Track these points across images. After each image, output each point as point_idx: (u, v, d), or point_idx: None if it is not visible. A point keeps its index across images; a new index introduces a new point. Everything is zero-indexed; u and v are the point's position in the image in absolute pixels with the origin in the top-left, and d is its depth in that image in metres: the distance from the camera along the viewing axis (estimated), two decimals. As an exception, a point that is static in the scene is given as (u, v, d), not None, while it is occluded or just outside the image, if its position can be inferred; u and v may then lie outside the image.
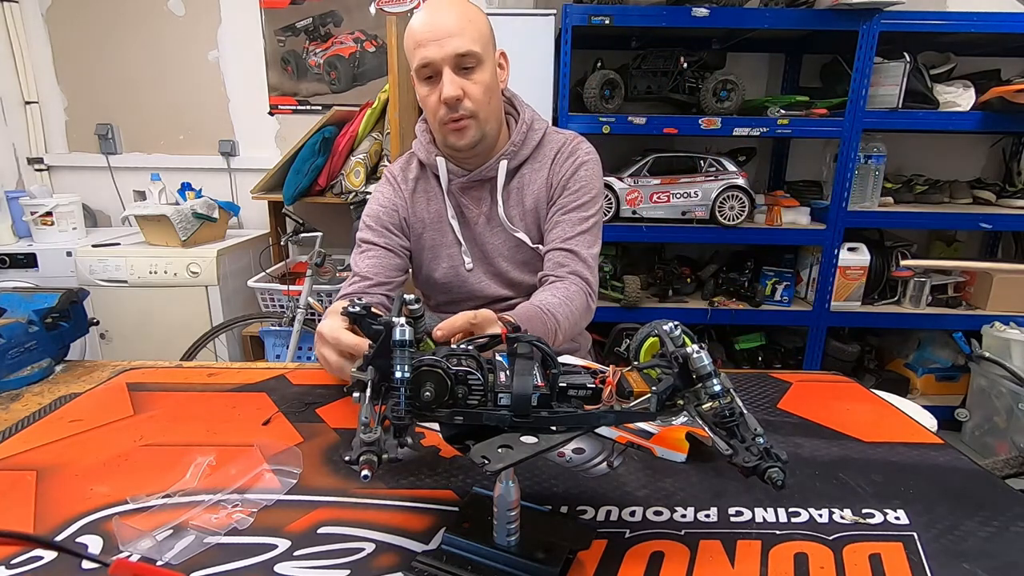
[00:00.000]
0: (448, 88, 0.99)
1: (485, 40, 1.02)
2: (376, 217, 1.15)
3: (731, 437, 0.50)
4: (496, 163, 1.11)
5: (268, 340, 2.45)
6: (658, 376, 0.57)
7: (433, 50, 0.98)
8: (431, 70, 1.00)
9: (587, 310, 1.09)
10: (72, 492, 0.68)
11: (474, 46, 0.99)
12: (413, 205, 1.17)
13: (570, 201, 1.12)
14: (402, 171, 1.18)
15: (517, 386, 0.52)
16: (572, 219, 1.11)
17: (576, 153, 1.14)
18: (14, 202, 2.46)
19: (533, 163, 1.14)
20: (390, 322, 0.51)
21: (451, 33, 0.97)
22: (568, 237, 1.10)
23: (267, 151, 2.81)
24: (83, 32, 2.69)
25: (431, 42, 0.98)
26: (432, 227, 1.17)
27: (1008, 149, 2.68)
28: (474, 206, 1.16)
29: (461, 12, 1.00)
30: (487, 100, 1.04)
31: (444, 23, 0.98)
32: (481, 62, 1.01)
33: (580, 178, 1.13)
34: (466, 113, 1.02)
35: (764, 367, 2.62)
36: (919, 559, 0.58)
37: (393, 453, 0.48)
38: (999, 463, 1.21)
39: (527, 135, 1.13)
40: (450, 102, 1.00)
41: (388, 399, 0.51)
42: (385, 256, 1.13)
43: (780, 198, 2.44)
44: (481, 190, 1.15)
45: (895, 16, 2.13)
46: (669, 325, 0.55)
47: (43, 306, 1.07)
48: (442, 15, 0.99)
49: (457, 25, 0.98)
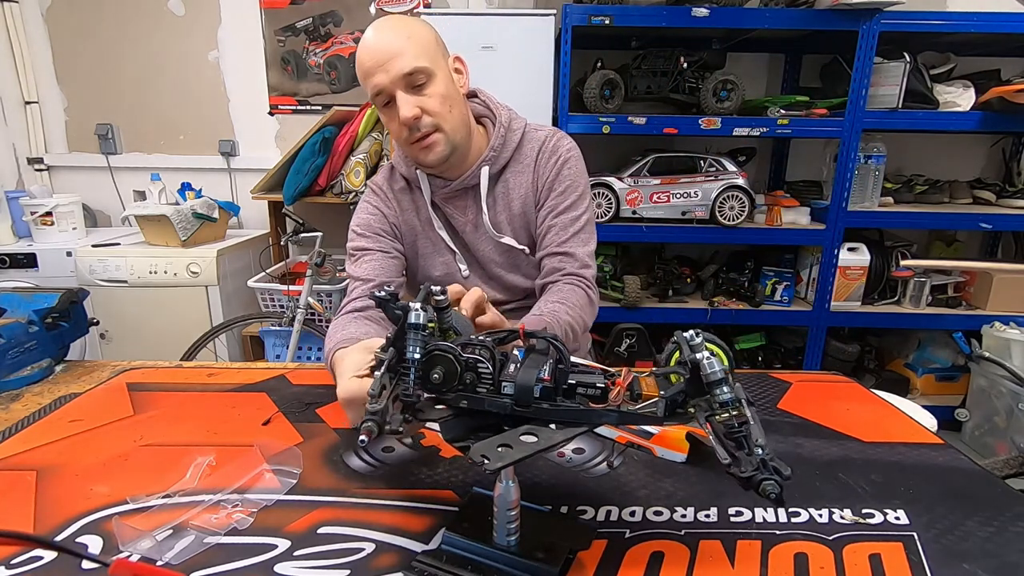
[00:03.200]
0: (404, 109, 0.98)
1: (431, 52, 1.00)
2: (367, 225, 1.13)
3: (739, 448, 0.50)
4: (477, 170, 1.10)
5: (268, 340, 2.45)
6: (677, 381, 0.57)
7: (380, 76, 0.97)
8: (385, 96, 0.99)
9: (590, 305, 1.09)
10: (72, 492, 0.68)
11: (419, 62, 0.97)
12: (402, 213, 1.16)
13: (559, 203, 1.11)
14: (387, 182, 1.17)
15: (521, 377, 0.54)
16: (563, 221, 1.11)
17: (558, 151, 1.13)
18: (14, 202, 2.46)
19: (516, 165, 1.13)
20: (407, 306, 0.55)
21: (393, 55, 0.96)
22: (562, 241, 1.10)
23: (267, 151, 2.81)
24: (83, 32, 2.69)
25: (377, 68, 0.97)
26: (424, 235, 1.16)
27: (1008, 149, 2.68)
28: (460, 215, 1.14)
29: (400, 30, 0.98)
30: (447, 110, 1.02)
31: (385, 46, 0.97)
32: (431, 75, 0.99)
33: (565, 177, 1.11)
34: (429, 129, 1.01)
35: (764, 367, 2.62)
36: (919, 559, 0.58)
37: (396, 426, 0.50)
38: (999, 463, 1.21)
39: (506, 137, 1.11)
40: (408, 123, 0.99)
41: (400, 379, 0.54)
42: (383, 259, 1.12)
43: (780, 198, 2.44)
44: (465, 198, 1.13)
45: (895, 16, 2.13)
46: (691, 332, 0.55)
47: (43, 306, 1.07)
48: (382, 38, 0.97)
49: (398, 45, 0.96)
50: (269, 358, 2.46)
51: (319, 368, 1.07)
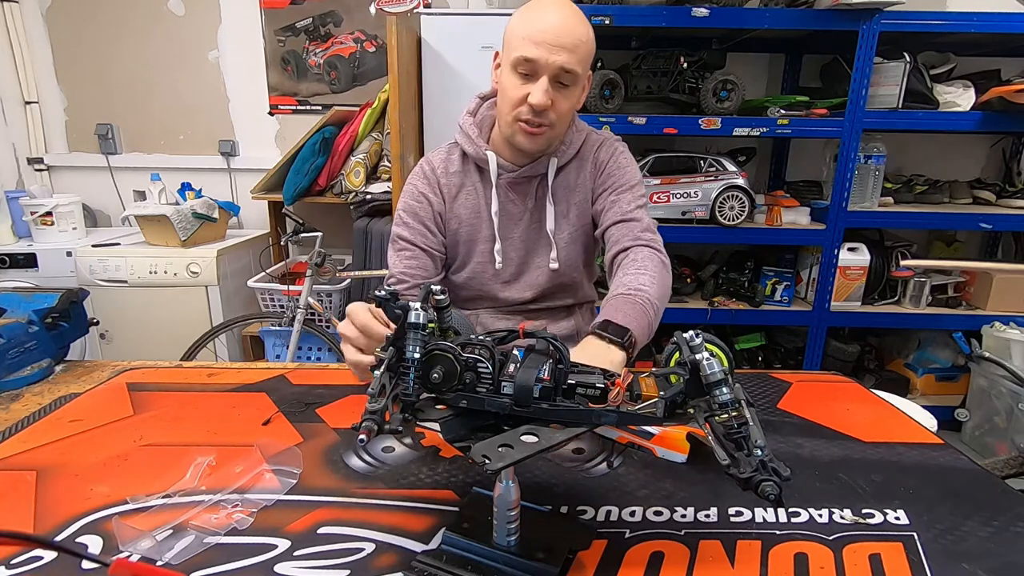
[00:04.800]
0: (539, 95, 0.99)
1: (587, 63, 1.03)
2: (413, 213, 1.14)
3: (738, 449, 0.50)
4: (547, 160, 1.13)
5: (268, 340, 2.45)
6: (677, 382, 0.57)
7: (542, 53, 0.97)
8: (530, 68, 1.00)
9: (666, 270, 1.09)
10: (72, 492, 0.68)
11: (579, 67, 0.99)
12: (451, 200, 1.16)
13: (618, 181, 1.14)
14: (443, 164, 1.17)
15: (520, 377, 0.54)
16: (626, 197, 1.13)
17: (612, 145, 1.18)
18: (14, 202, 2.46)
19: (577, 162, 1.16)
20: (407, 306, 0.55)
21: (566, 46, 0.97)
22: (628, 210, 1.12)
23: (267, 151, 2.81)
24: (83, 32, 2.69)
25: (545, 44, 0.97)
26: (468, 223, 1.16)
27: (1008, 149, 2.68)
28: (520, 202, 1.16)
29: (582, 29, 1.00)
30: (567, 118, 1.06)
31: (565, 33, 0.97)
32: (577, 82, 1.02)
33: (621, 164, 1.16)
34: (546, 123, 1.03)
35: (764, 367, 2.62)
36: (919, 559, 0.58)
37: (395, 425, 0.50)
38: (999, 463, 1.20)
39: (574, 135, 1.15)
40: (537, 108, 1.00)
41: (400, 378, 0.54)
42: (422, 257, 1.13)
43: (780, 198, 2.44)
44: (528, 186, 1.15)
45: (895, 16, 2.13)
46: (690, 332, 0.55)
47: (43, 306, 1.07)
48: (566, 24, 0.98)
49: (574, 40, 0.98)
50: (269, 358, 2.46)
51: (319, 368, 1.07)
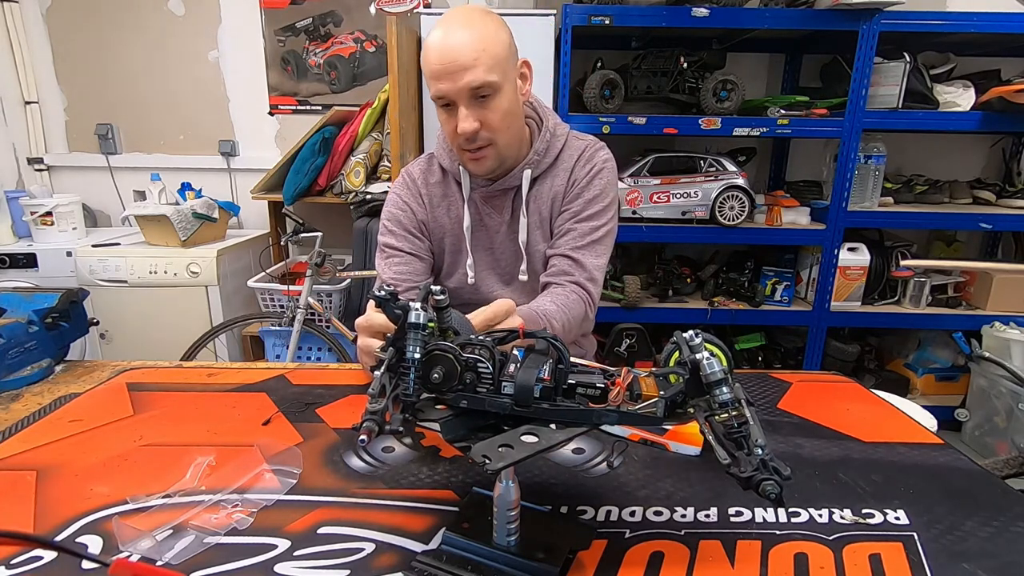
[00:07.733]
0: (463, 123, 0.96)
1: (502, 64, 0.97)
2: (396, 221, 1.13)
3: (738, 448, 0.50)
4: (520, 172, 1.09)
5: (268, 340, 2.45)
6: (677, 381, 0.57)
7: (446, 84, 0.95)
8: (445, 101, 0.98)
9: (585, 319, 1.08)
10: (72, 492, 0.68)
11: (489, 76, 0.94)
12: (433, 209, 1.15)
13: (583, 209, 1.10)
14: (423, 174, 1.15)
15: (521, 377, 0.54)
16: (583, 228, 1.09)
17: (594, 160, 1.12)
18: (14, 202, 2.46)
19: (554, 170, 1.12)
20: (407, 305, 0.54)
21: (464, 66, 0.93)
22: (577, 246, 1.08)
23: (267, 151, 2.81)
24: (83, 32, 2.69)
25: (444, 75, 0.94)
26: (453, 232, 1.15)
27: (1008, 149, 2.68)
28: (496, 214, 1.14)
29: (475, 38, 0.94)
30: (506, 126, 1.01)
31: (457, 55, 0.93)
32: (498, 89, 0.97)
33: (595, 186, 1.10)
34: (483, 143, 1.00)
35: (764, 367, 2.62)
36: (919, 559, 0.58)
37: (396, 425, 0.51)
38: (999, 463, 1.20)
39: (550, 143, 1.11)
40: (467, 136, 0.98)
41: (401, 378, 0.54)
42: (411, 262, 1.12)
43: (780, 198, 2.44)
44: (504, 199, 1.12)
45: (895, 16, 2.13)
46: (690, 332, 0.55)
47: (43, 306, 1.07)
48: (455, 42, 0.93)
49: (471, 56, 0.93)
50: (269, 358, 2.46)
51: (319, 368, 1.07)
